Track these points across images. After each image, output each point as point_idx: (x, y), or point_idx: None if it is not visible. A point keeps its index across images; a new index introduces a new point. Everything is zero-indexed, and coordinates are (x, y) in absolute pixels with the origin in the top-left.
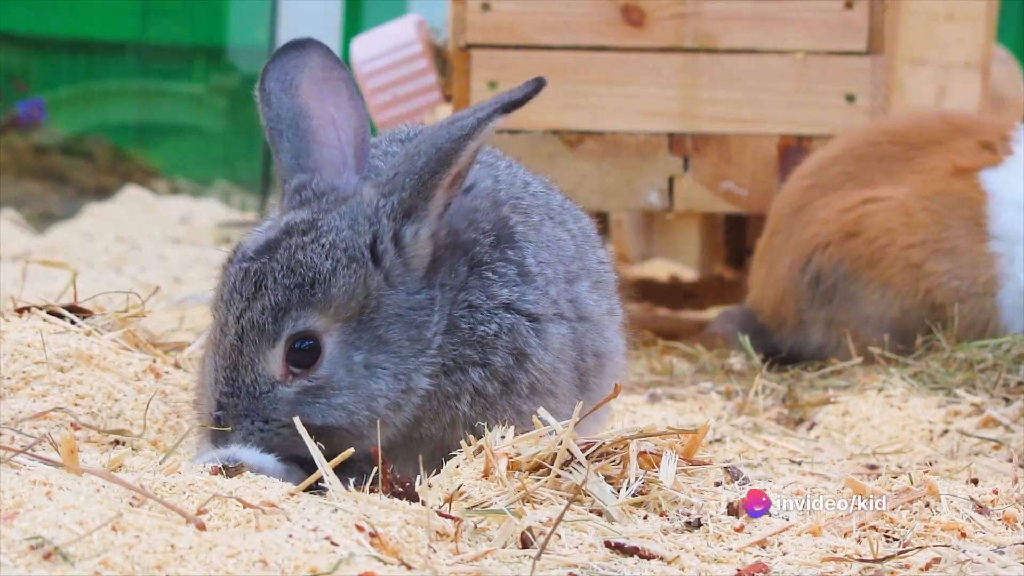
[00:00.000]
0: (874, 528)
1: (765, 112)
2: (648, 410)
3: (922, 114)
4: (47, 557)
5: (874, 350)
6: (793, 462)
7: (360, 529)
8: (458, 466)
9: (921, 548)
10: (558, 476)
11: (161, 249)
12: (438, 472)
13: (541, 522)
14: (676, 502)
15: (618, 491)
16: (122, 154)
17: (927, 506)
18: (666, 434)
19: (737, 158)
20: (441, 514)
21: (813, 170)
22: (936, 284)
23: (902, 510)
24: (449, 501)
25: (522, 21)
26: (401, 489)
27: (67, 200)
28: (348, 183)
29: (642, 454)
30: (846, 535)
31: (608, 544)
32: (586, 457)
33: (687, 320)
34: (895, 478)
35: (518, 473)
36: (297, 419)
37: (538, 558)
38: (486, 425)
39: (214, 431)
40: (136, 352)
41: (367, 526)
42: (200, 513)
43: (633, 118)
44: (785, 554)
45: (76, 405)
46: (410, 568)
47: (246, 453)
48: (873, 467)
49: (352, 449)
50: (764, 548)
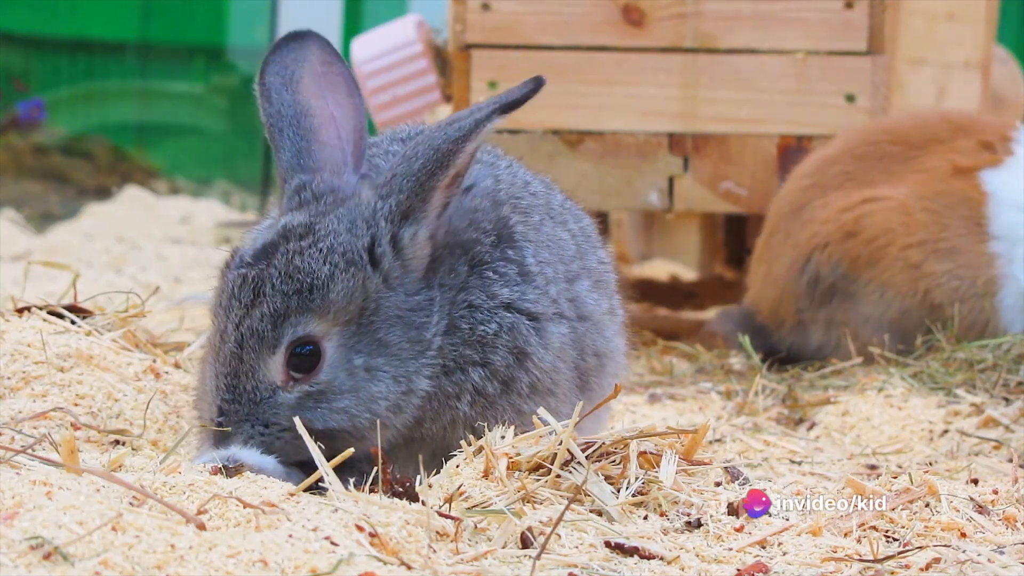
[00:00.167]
0: (874, 528)
1: (765, 112)
2: (648, 410)
3: (922, 114)
4: (47, 557)
5: (874, 350)
6: (793, 462)
7: (360, 529)
8: (458, 466)
9: (921, 548)
10: (558, 476)
11: (161, 249)
12: (438, 472)
13: (541, 522)
14: (676, 502)
15: (618, 491)
16: (122, 154)
17: (927, 506)
18: (666, 434)
19: (737, 158)
20: (441, 514)
21: (812, 170)
22: (935, 284)
23: (902, 510)
24: (449, 501)
25: (522, 21)
26: (401, 489)
27: (67, 200)
28: (347, 184)
29: (642, 454)
30: (846, 535)
31: (608, 544)
32: (586, 457)
33: (687, 320)
34: (895, 478)
35: (518, 473)
36: (297, 419)
37: (538, 558)
38: (486, 425)
39: (214, 432)
40: (136, 352)
41: (367, 526)
42: (200, 513)
43: (633, 118)
44: (785, 554)
45: (76, 405)
46: (410, 568)
47: (246, 453)
48: (873, 467)
49: (352, 449)
50: (764, 548)
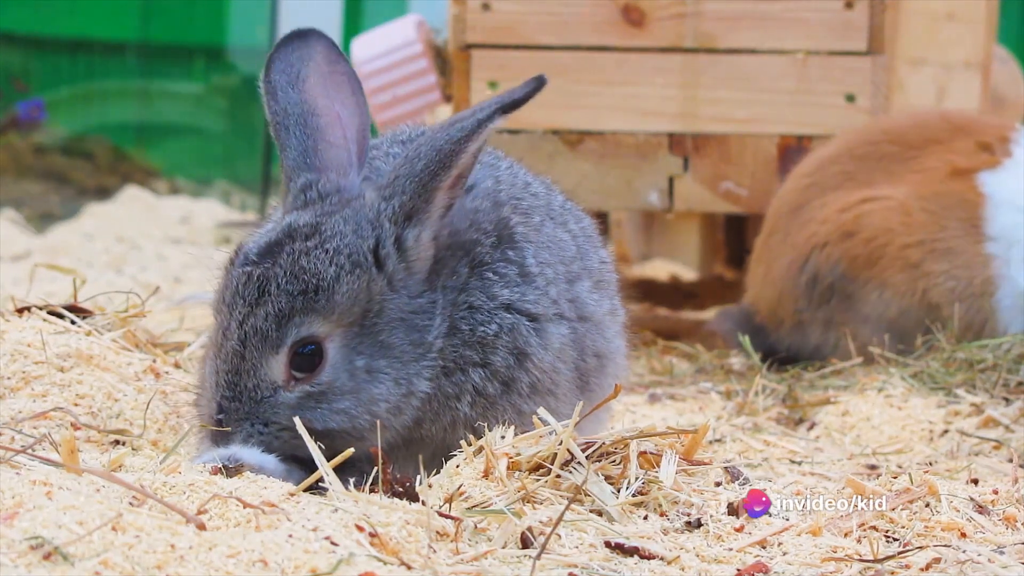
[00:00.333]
0: (874, 528)
1: (765, 112)
2: (648, 410)
3: (922, 114)
4: (47, 557)
5: (874, 350)
6: (793, 462)
7: (360, 529)
8: (458, 466)
9: (921, 548)
10: (558, 476)
11: (161, 249)
12: (438, 472)
13: (541, 522)
14: (676, 502)
15: (618, 491)
16: (122, 154)
17: (927, 506)
18: (666, 434)
19: (737, 158)
20: (441, 514)
21: (812, 169)
22: (933, 284)
23: (902, 510)
24: (449, 501)
25: (522, 21)
26: (401, 489)
27: (67, 200)
28: (353, 184)
29: (642, 454)
30: (846, 535)
31: (608, 544)
32: (586, 457)
33: (687, 320)
34: (895, 478)
35: (518, 473)
36: (297, 419)
37: (538, 558)
38: (486, 425)
39: (214, 432)
40: (136, 352)
41: (367, 526)
42: (200, 513)
43: (633, 118)
44: (785, 554)
45: (76, 405)
46: (410, 568)
47: (246, 452)
48: (873, 467)
49: (352, 449)
50: (764, 548)
